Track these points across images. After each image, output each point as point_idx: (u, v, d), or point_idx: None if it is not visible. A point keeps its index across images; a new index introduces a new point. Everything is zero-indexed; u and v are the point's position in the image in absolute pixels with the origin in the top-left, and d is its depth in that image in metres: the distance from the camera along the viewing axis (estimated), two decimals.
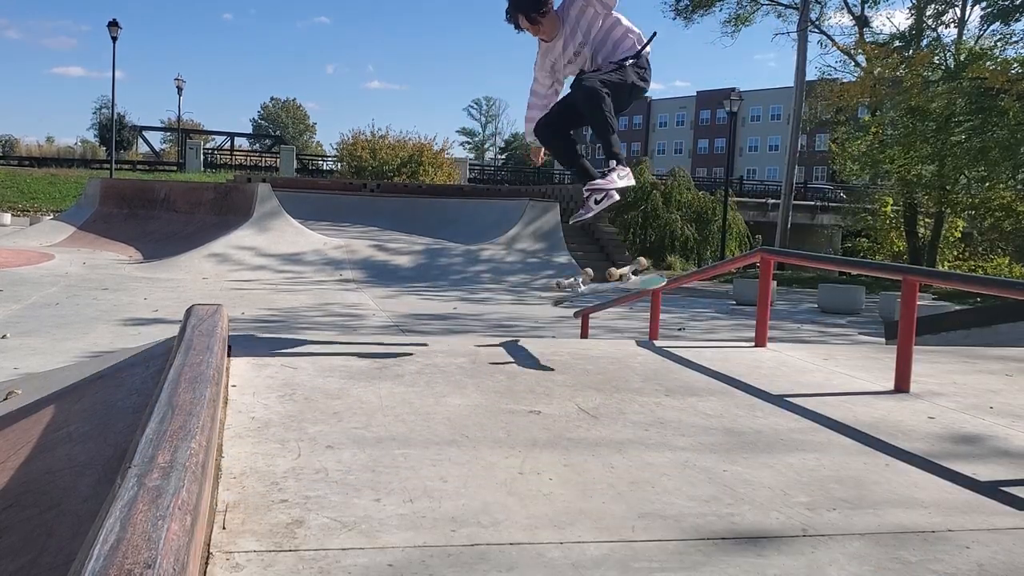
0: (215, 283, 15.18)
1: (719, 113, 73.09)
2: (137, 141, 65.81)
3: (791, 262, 7.16)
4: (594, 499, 2.40)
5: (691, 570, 1.98)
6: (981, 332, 8.63)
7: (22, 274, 14.90)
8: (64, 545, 2.00)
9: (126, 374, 3.71)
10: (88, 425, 3.03)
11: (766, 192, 46.55)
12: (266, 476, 2.44)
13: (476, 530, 2.14)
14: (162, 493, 1.66)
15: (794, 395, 3.82)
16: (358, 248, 19.13)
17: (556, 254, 20.58)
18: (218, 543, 1.98)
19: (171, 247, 18.49)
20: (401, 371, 3.89)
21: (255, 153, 54.45)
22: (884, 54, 28.31)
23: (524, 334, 10.89)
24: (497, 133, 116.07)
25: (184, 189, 23.55)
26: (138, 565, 1.36)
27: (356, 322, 11.57)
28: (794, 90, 31.04)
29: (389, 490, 2.38)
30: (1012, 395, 4.13)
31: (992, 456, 3.06)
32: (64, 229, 22.21)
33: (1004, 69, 24.03)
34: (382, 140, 35.40)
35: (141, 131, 62.37)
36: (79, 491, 2.35)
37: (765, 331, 5.03)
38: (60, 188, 38.42)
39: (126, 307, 11.84)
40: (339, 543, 2.02)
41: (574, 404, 3.43)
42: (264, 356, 4.01)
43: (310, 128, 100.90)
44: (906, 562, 2.08)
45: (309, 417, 3.05)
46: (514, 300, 15.58)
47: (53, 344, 8.68)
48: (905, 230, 30.80)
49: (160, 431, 2.04)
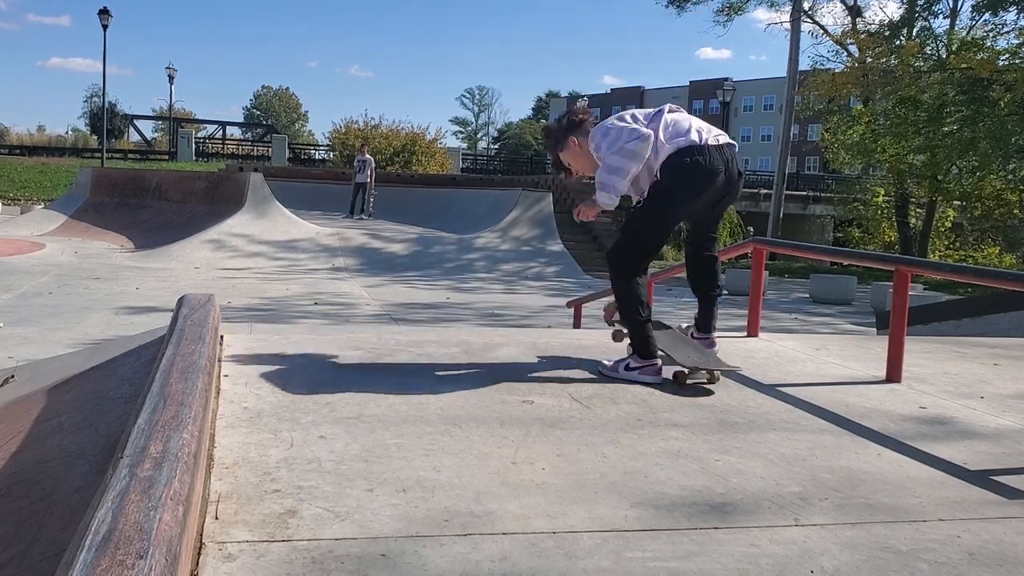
0: (207, 272, 15.13)
1: (712, 103, 73.06)
2: (128, 130, 65.53)
3: (783, 252, 7.16)
4: (587, 489, 2.41)
5: (684, 559, 1.98)
6: (972, 322, 8.68)
7: (13, 263, 14.83)
8: (55, 536, 1.99)
9: (118, 364, 3.69)
10: (79, 415, 3.02)
11: (758, 182, 46.56)
12: (259, 466, 2.43)
13: (469, 520, 2.14)
14: (154, 483, 1.65)
15: (786, 385, 3.83)
16: (350, 237, 19.08)
17: (549, 243, 20.57)
18: (211, 533, 1.97)
19: (163, 236, 18.41)
20: (394, 360, 3.89)
21: (247, 142, 54.24)
22: (875, 43, 28.32)
23: (516, 323, 10.89)
24: (490, 123, 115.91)
25: (176, 178, 23.42)
26: (130, 556, 1.36)
27: (348, 311, 11.55)
28: (787, 80, 31.02)
29: (382, 480, 2.38)
30: (1003, 384, 4.15)
31: (983, 445, 3.07)
32: (55, 218, 22.10)
33: (991, 59, 24.04)
34: (375, 129, 35.30)
35: (132, 120, 62.08)
36: (70, 481, 2.34)
37: (757, 321, 5.04)
38: (51, 177, 38.18)
39: (118, 296, 11.80)
40: (332, 533, 2.02)
41: (567, 394, 3.43)
42: (256, 346, 4.00)
43: (302, 117, 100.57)
44: (897, 551, 2.09)
45: (301, 407, 3.05)
46: (506, 289, 15.58)
47: (44, 334, 8.65)
48: (897, 220, 30.86)
49: (152, 421, 2.04)
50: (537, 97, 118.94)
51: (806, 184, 46.78)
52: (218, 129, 55.75)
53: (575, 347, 4.41)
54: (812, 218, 42.97)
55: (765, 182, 43.90)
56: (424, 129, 36.25)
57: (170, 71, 53.41)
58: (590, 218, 3.90)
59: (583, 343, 4.56)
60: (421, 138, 35.35)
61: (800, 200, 42.21)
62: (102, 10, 33.42)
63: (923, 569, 2.00)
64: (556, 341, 4.59)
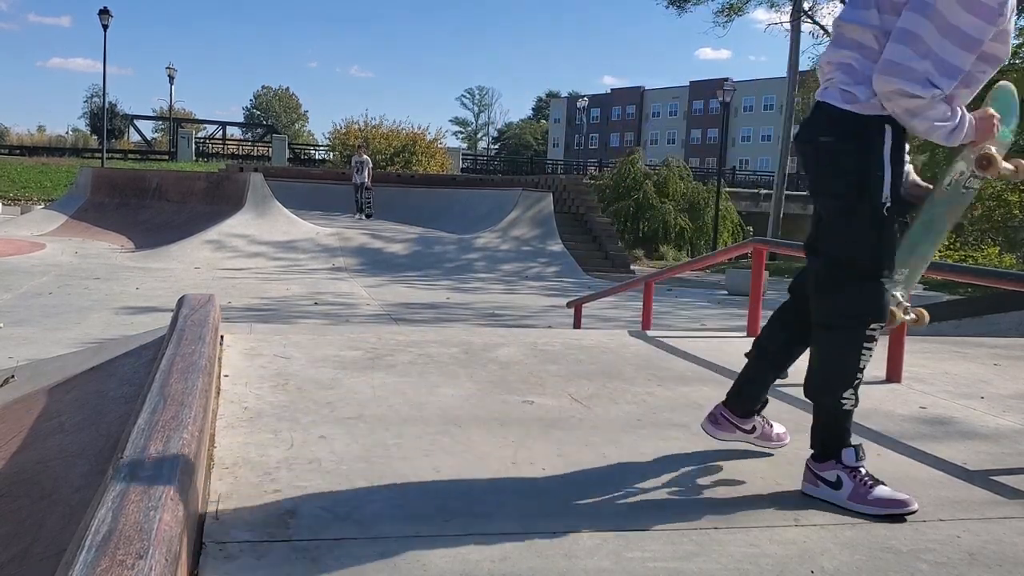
0: (207, 272, 15.13)
1: (712, 103, 73.10)
2: (129, 130, 65.42)
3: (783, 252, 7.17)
4: (587, 488, 2.40)
5: (684, 559, 1.98)
6: (972, 322, 8.67)
7: (13, 263, 14.82)
8: (56, 535, 1.99)
9: (118, 364, 3.69)
10: (80, 415, 3.02)
11: (759, 182, 46.56)
12: (259, 466, 2.43)
13: (469, 520, 2.14)
14: (154, 483, 1.65)
15: (786, 384, 3.82)
16: (350, 237, 19.08)
17: (549, 243, 20.57)
18: (211, 533, 1.97)
19: (163, 236, 18.40)
20: (394, 361, 3.89)
21: (247, 142, 54.19)
22: None
23: (516, 323, 10.89)
24: (490, 123, 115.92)
25: (176, 178, 23.42)
26: (130, 556, 1.36)
27: (348, 311, 11.55)
28: (787, 80, 31.03)
29: (382, 480, 2.37)
30: (1003, 384, 4.15)
31: (983, 446, 3.07)
32: (55, 218, 22.09)
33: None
34: (375, 130, 35.31)
35: (133, 120, 62.02)
36: (71, 481, 2.34)
37: (757, 321, 5.04)
38: (51, 177, 38.15)
39: (118, 296, 11.79)
40: (332, 533, 2.02)
41: (567, 394, 3.43)
42: (256, 346, 4.00)
43: (302, 117, 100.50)
44: (897, 551, 2.09)
45: (302, 407, 3.05)
46: (506, 289, 15.57)
47: (45, 334, 8.64)
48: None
49: (152, 421, 2.04)
50: (537, 97, 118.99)
51: (806, 184, 46.77)
52: (218, 129, 55.71)
53: (575, 347, 4.41)
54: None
55: (765, 182, 43.94)
56: (424, 129, 36.32)
57: (170, 71, 53.36)
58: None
59: (583, 343, 4.56)
60: (421, 138, 35.37)
61: (800, 200, 42.11)
62: (102, 10, 33.40)
63: (923, 569, 2.00)
64: (556, 341, 4.59)
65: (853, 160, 2.33)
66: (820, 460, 2.43)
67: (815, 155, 2.45)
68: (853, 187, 2.34)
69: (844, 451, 2.40)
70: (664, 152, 64.02)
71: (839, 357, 2.41)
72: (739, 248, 6.04)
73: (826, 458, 2.42)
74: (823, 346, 2.47)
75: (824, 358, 2.46)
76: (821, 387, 2.46)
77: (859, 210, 2.35)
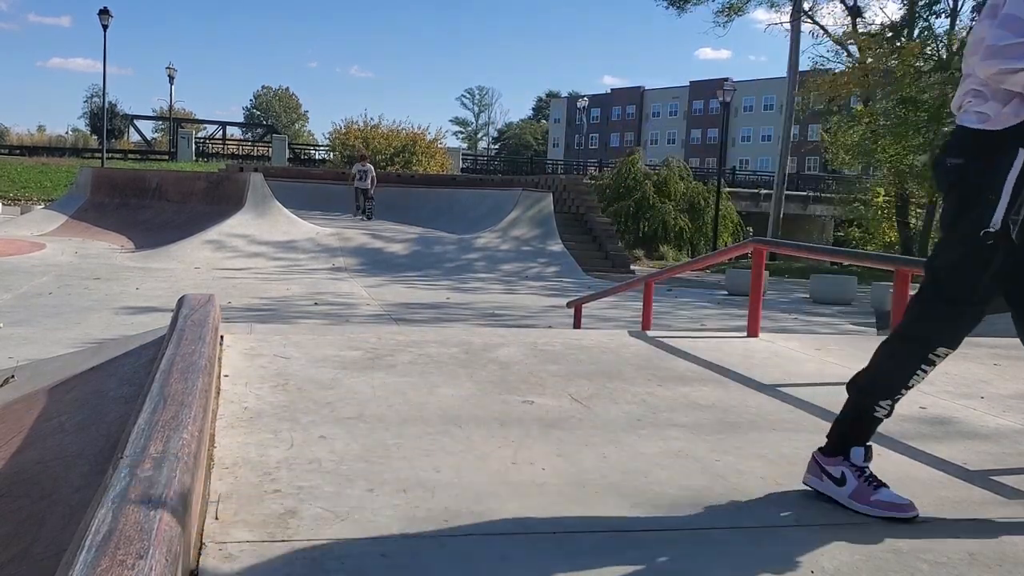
0: (207, 272, 15.13)
1: (712, 103, 73.09)
2: (129, 130, 65.40)
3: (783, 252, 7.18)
4: (587, 489, 2.40)
5: (684, 560, 1.98)
6: None
7: (13, 263, 14.82)
8: (56, 535, 1.99)
9: (118, 364, 3.69)
10: (80, 415, 3.02)
11: (759, 182, 46.57)
12: (259, 466, 2.43)
13: (469, 520, 2.14)
14: (154, 483, 1.65)
15: (787, 385, 3.83)
16: (350, 237, 19.08)
17: (549, 243, 20.57)
18: (211, 534, 1.97)
19: (163, 236, 18.39)
20: (394, 361, 3.89)
21: (247, 142, 54.18)
22: (876, 44, 28.32)
23: (516, 323, 10.89)
24: (490, 123, 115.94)
25: (176, 178, 23.41)
26: (130, 556, 1.36)
27: (348, 311, 11.55)
28: (787, 80, 31.03)
29: (382, 480, 2.38)
30: (1003, 384, 4.15)
31: (983, 446, 3.07)
32: (55, 218, 22.08)
33: None
34: (375, 130, 35.30)
35: (133, 120, 62.00)
36: (70, 481, 2.34)
37: (758, 321, 5.04)
38: (51, 177, 38.14)
39: (118, 296, 11.79)
40: (332, 533, 2.02)
41: (567, 394, 3.43)
42: (256, 346, 4.00)
43: (302, 117, 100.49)
44: (898, 551, 2.09)
45: (302, 407, 3.05)
46: (506, 290, 15.57)
47: (45, 334, 8.64)
48: (897, 220, 30.86)
49: (152, 421, 2.04)
50: (537, 97, 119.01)
51: (806, 184, 46.83)
52: (218, 129, 55.70)
53: (575, 347, 4.41)
54: (812, 218, 43.00)
55: (765, 182, 43.95)
56: (424, 129, 36.30)
57: (170, 71, 53.34)
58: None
59: (583, 343, 4.56)
60: (421, 138, 35.37)
61: (800, 200, 42.25)
62: (102, 10, 33.40)
63: (923, 569, 2.00)
64: (556, 341, 4.59)
65: (972, 177, 2.24)
66: (829, 454, 2.42)
67: (944, 176, 2.35)
68: (962, 203, 2.26)
69: (853, 449, 2.39)
70: (664, 152, 64.01)
71: (894, 368, 2.41)
72: (739, 248, 6.04)
73: (835, 453, 2.41)
74: (886, 350, 2.46)
75: (880, 362, 2.44)
76: (865, 387, 2.44)
77: (959, 228, 2.27)
